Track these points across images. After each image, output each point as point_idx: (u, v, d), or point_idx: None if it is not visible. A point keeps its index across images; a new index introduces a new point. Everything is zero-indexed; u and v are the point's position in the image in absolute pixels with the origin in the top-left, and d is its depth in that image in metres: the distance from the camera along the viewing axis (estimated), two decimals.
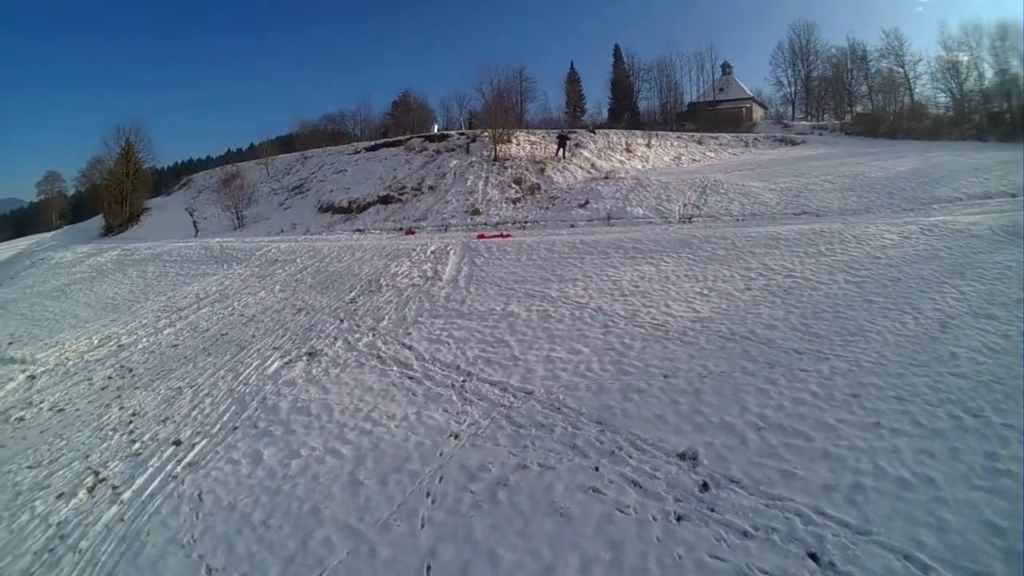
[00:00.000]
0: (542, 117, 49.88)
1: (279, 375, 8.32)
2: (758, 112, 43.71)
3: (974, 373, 5.66)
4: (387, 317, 9.73)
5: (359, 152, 31.78)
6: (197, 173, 50.10)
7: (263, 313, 11.37)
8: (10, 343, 12.96)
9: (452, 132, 29.58)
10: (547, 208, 18.73)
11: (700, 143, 29.11)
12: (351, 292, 11.45)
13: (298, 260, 15.15)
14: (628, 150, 26.10)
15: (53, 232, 53.30)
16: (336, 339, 9.21)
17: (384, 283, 11.50)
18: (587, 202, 18.09)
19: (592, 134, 26.02)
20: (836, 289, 8.53)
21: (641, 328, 7.82)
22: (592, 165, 23.60)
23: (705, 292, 9.02)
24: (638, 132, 28.95)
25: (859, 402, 5.42)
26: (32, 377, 10.08)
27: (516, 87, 49.86)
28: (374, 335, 9.07)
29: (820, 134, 33.89)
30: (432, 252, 13.27)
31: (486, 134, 25.09)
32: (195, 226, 32.36)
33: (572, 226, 16.89)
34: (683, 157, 26.83)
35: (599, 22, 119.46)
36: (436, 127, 33.52)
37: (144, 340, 10.89)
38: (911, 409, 5.19)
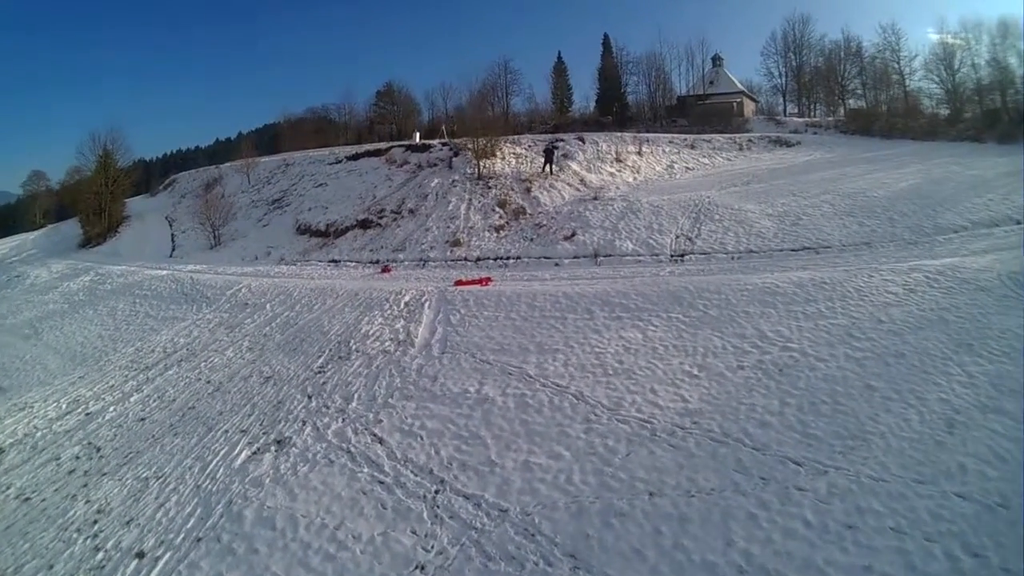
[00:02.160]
0: (528, 109, 50.49)
1: (246, 470, 8.41)
2: (749, 106, 43.29)
3: (980, 493, 5.44)
4: (357, 396, 9.69)
5: (340, 162, 31.35)
6: (182, 173, 50.05)
7: (230, 380, 11.37)
8: None
9: (435, 143, 29.03)
10: (531, 239, 18.49)
11: (693, 147, 28.57)
12: (320, 357, 11.40)
13: (268, 307, 15.14)
14: (618, 160, 25.68)
15: (36, 234, 52.87)
16: (305, 423, 9.21)
17: (354, 346, 11.42)
18: (574, 234, 17.84)
19: (581, 143, 25.55)
20: (835, 369, 8.18)
21: (626, 424, 7.71)
22: (581, 180, 23.27)
23: (695, 372, 8.81)
24: (628, 137, 28.41)
25: (853, 536, 5.19)
26: (1, 451, 10.32)
27: (501, 80, 49.97)
28: (343, 420, 9.06)
29: (815, 132, 33.44)
30: (406, 304, 13.14)
31: (469, 147, 24.57)
32: (173, 240, 31.99)
33: (557, 264, 16.69)
34: (676, 165, 26.37)
35: (587, 12, 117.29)
36: (418, 135, 32.89)
37: (111, 409, 11.06)
38: (908, 547, 4.98)
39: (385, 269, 18.11)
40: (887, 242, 14.99)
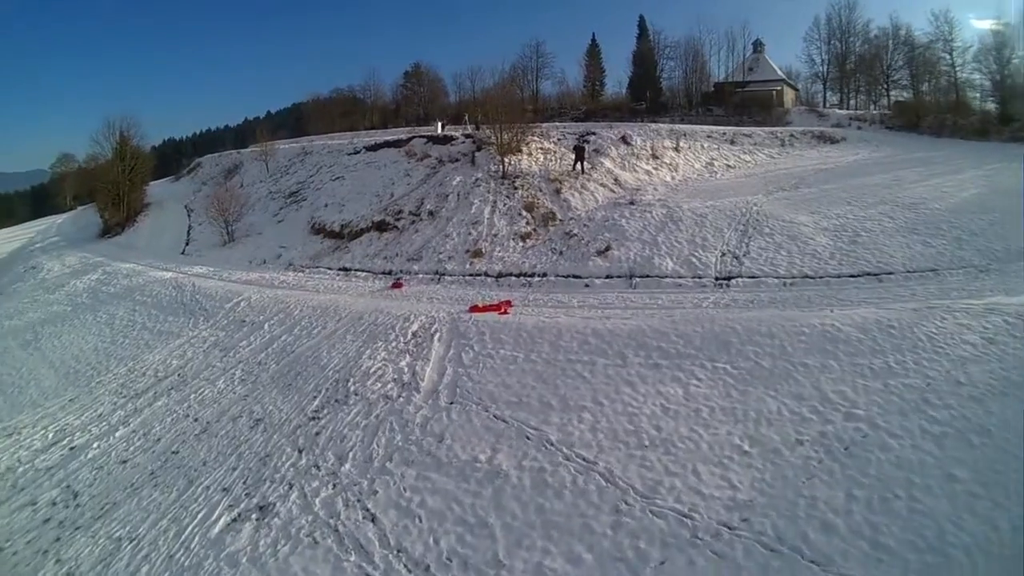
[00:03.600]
0: (559, 92, 49.41)
1: (223, 542, 7.68)
2: (789, 95, 42.02)
3: None
4: (352, 454, 8.76)
5: (359, 152, 30.56)
6: (206, 157, 50.87)
7: (218, 420, 10.72)
8: None
9: (457, 135, 27.83)
10: (561, 252, 17.13)
11: (733, 142, 26.78)
12: (315, 398, 10.53)
13: (266, 327, 14.44)
14: (655, 156, 24.04)
15: (63, 217, 54.69)
16: (292, 487, 8.40)
17: (353, 387, 10.49)
18: (608, 248, 16.40)
19: (626, 143, 24.00)
20: (910, 449, 6.83)
21: (662, 519, 6.51)
22: (615, 180, 21.76)
23: (746, 448, 7.48)
24: (664, 130, 26.66)
25: None
26: None
27: (532, 63, 48.99)
28: (334, 486, 8.18)
29: (859, 127, 31.52)
30: (413, 335, 12.09)
31: (492, 140, 23.32)
32: (188, 234, 31.90)
33: (587, 285, 15.31)
34: (716, 163, 24.64)
35: None
36: (440, 125, 31.70)
37: (95, 445, 10.76)
38: None
39: (396, 284, 17.09)
40: (955, 268, 13.32)
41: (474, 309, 13.18)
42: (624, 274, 15.31)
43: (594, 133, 25.68)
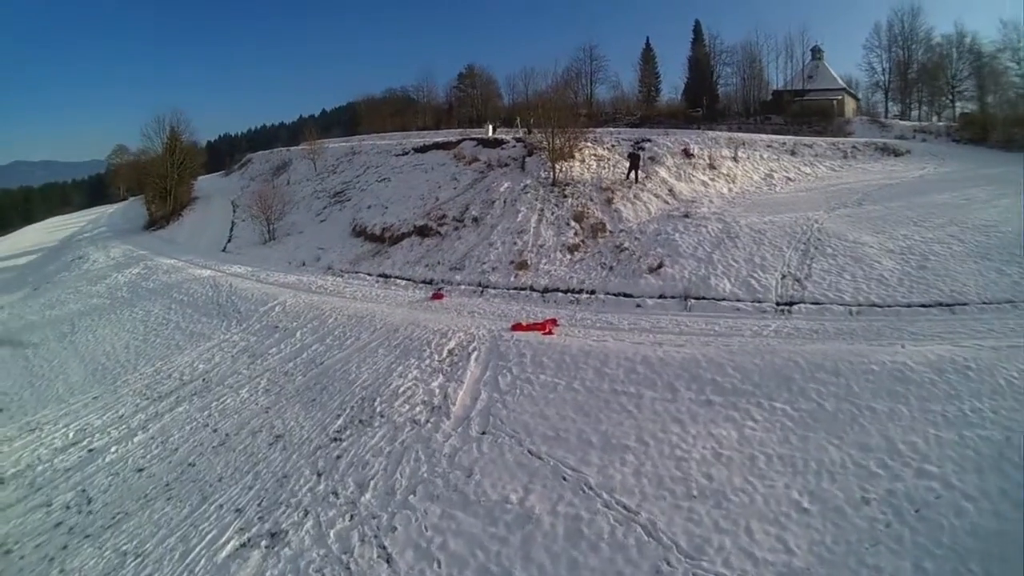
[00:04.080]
0: (613, 97, 50.30)
1: (228, 569, 7.38)
2: (849, 105, 41.74)
3: None
4: (373, 484, 8.32)
5: (407, 154, 30.87)
6: (257, 153, 53.73)
7: (238, 433, 10.54)
8: (0, 410, 13.94)
9: (508, 138, 27.58)
10: (611, 267, 16.43)
11: (793, 153, 25.72)
12: (339, 416, 10.18)
13: (298, 334, 14.41)
14: (712, 166, 23.12)
15: (115, 208, 58.15)
16: (307, 513, 8.08)
17: (379, 408, 10.08)
18: (661, 264, 15.61)
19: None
20: (989, 516, 6.00)
21: None
22: (670, 190, 20.92)
23: (805, 504, 6.71)
24: (722, 138, 25.89)
25: None
26: (1, 481, 10.41)
27: (585, 67, 49.79)
28: (351, 518, 7.78)
29: (923, 139, 30.39)
30: (449, 352, 11.63)
31: (544, 144, 22.93)
32: (231, 231, 32.92)
33: (638, 305, 14.54)
34: (775, 175, 23.58)
35: None
36: (491, 128, 31.62)
37: (113, 449, 10.82)
38: None
39: (437, 295, 16.74)
40: None
41: (516, 327, 12.63)
42: (678, 294, 14.45)
43: (649, 140, 25.05)
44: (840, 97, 40.62)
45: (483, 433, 8.98)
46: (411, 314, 14.73)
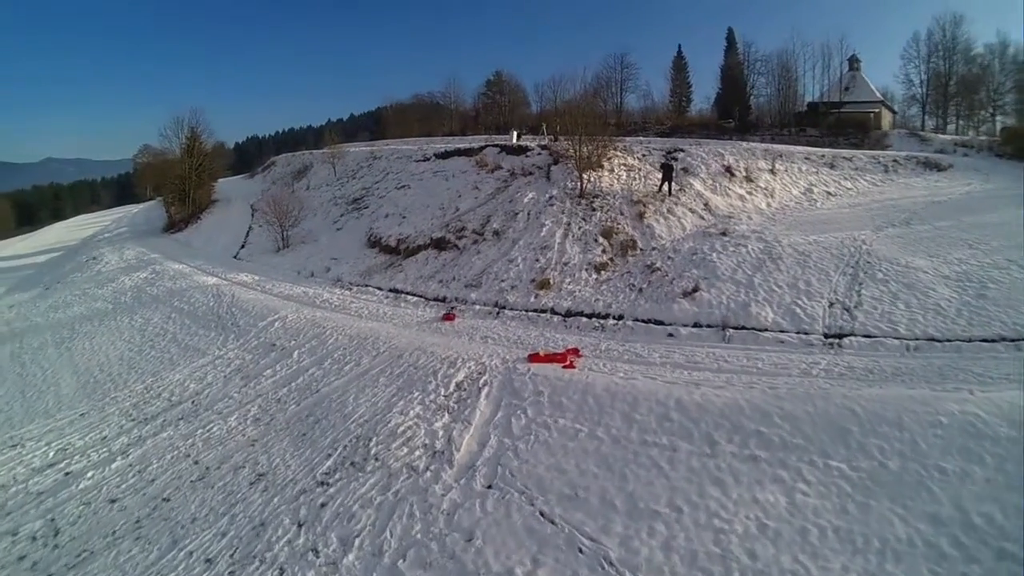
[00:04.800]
0: (643, 107, 50.47)
1: None
2: (886, 117, 41.20)
3: None
4: (358, 540, 7.46)
5: (428, 160, 30.26)
6: (281, 156, 54.09)
7: (219, 467, 9.84)
8: None
9: (533, 145, 26.77)
10: (641, 289, 15.36)
11: (832, 166, 24.55)
12: (330, 456, 9.34)
13: (295, 355, 13.74)
14: (749, 179, 21.97)
15: (138, 208, 59.29)
16: (282, 573, 7.09)
17: (374, 449, 9.19)
18: (696, 288, 14.49)
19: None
20: None
21: None
22: (705, 204, 19.80)
23: None
24: (759, 149, 24.89)
25: None
26: None
27: (616, 75, 49.65)
28: None
29: (965, 154, 29.20)
30: (457, 385, 10.70)
31: (571, 152, 22.09)
32: (247, 236, 32.75)
33: (671, 335, 13.43)
34: (815, 189, 22.40)
35: (713, 4, 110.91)
36: (516, 135, 30.81)
37: (90, 475, 10.30)
38: None
39: (448, 317, 15.82)
40: None
41: (534, 358, 11.61)
42: (716, 323, 13.29)
43: (682, 150, 24.01)
44: (878, 110, 40.05)
45: (489, 487, 7.99)
46: (419, 337, 13.87)
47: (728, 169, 22.51)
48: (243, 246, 31.10)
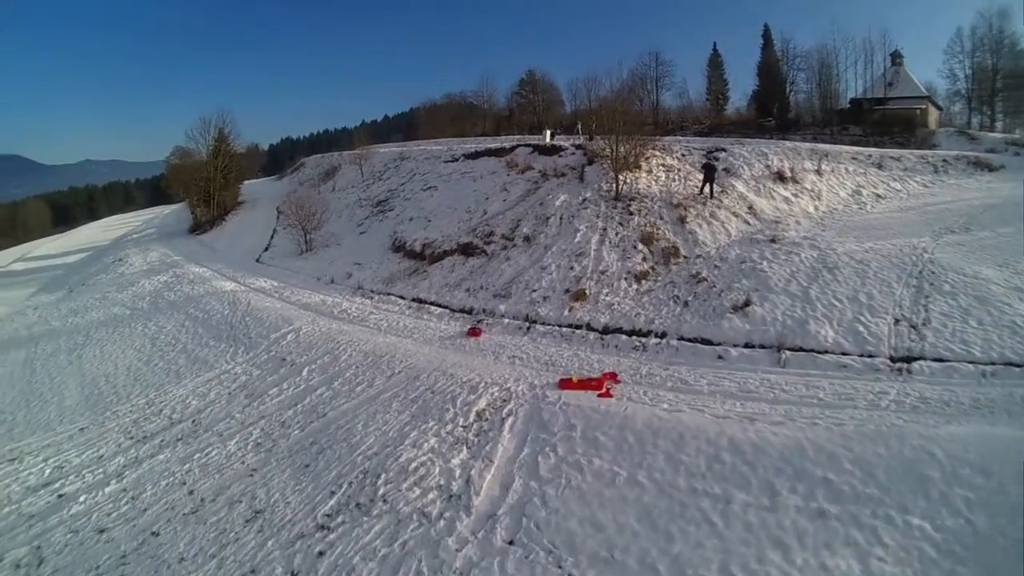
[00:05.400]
0: (680, 106, 50.13)
1: None
2: (932, 115, 39.86)
3: None
4: None
5: (457, 160, 29.64)
6: (311, 157, 55.15)
7: (214, 500, 9.19)
8: None
9: (567, 145, 25.79)
10: (686, 302, 14.17)
11: (880, 167, 23.05)
12: (333, 495, 8.52)
13: (305, 372, 13.10)
14: (794, 179, 20.64)
15: (169, 209, 60.61)
16: None
17: (382, 488, 8.33)
18: (747, 302, 13.23)
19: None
20: None
21: None
22: (749, 207, 18.53)
23: None
24: (803, 149, 23.60)
25: None
26: None
27: (651, 73, 48.98)
28: None
29: (1017, 153, 27.89)
30: (479, 415, 9.74)
31: (607, 152, 21.09)
32: (271, 238, 32.65)
33: (721, 357, 12.21)
34: (864, 191, 20.96)
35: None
36: (549, 134, 29.84)
37: (82, 499, 9.86)
38: None
39: (473, 332, 14.84)
40: None
41: (566, 384, 10.56)
42: (770, 343, 11.99)
43: (723, 149, 22.81)
44: (924, 106, 38.85)
45: (511, 542, 7.00)
46: (439, 355, 12.94)
47: (772, 170, 21.25)
48: (266, 249, 30.92)
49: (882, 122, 35.86)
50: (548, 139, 28.68)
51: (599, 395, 10.10)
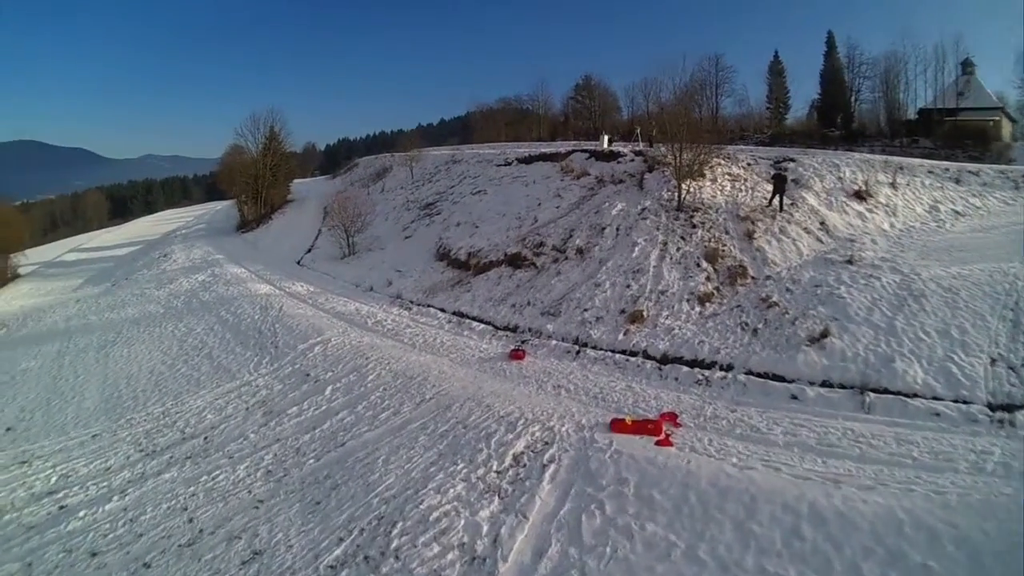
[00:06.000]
0: (739, 114, 48.92)
1: None
2: (1006, 127, 38.44)
3: None
4: None
5: (510, 164, 28.86)
6: (364, 158, 56.36)
7: (214, 532, 8.55)
8: (8, 428, 13.69)
9: (625, 150, 24.60)
10: (755, 330, 12.75)
11: (958, 182, 21.04)
12: (341, 542, 7.62)
13: (328, 391, 12.38)
14: (868, 193, 18.91)
15: (221, 205, 62.68)
16: None
17: (396, 540, 7.36)
18: (825, 333, 11.73)
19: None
20: None
21: None
22: (821, 223, 16.94)
23: None
24: (876, 161, 21.81)
25: None
26: None
27: (710, 78, 47.32)
28: None
29: None
30: (515, 459, 8.66)
31: (668, 159, 19.87)
32: (315, 239, 32.71)
33: (794, 397, 10.75)
34: (941, 207, 19.08)
35: (812, 4, 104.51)
36: (606, 139, 28.57)
37: (82, 514, 9.47)
38: None
39: (516, 354, 13.75)
40: None
41: (618, 426, 9.36)
42: (851, 382, 10.51)
43: (792, 159, 21.18)
44: (997, 118, 37.23)
45: None
46: (476, 381, 11.94)
47: (845, 182, 19.58)
48: (309, 251, 30.91)
49: (953, 134, 34.61)
50: (605, 144, 27.53)
51: (657, 442, 8.87)
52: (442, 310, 17.95)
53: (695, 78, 47.46)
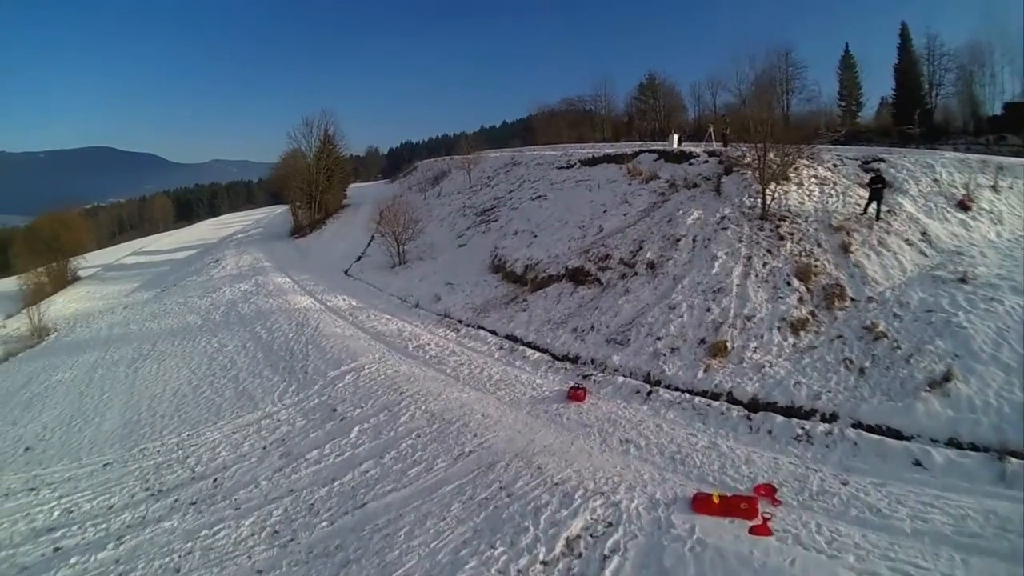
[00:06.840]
0: (808, 111, 45.56)
1: None
2: None
3: None
4: None
5: (572, 167, 27.40)
6: (424, 161, 56.63)
7: None
8: (27, 448, 13.90)
9: (698, 150, 22.67)
10: (862, 369, 10.70)
11: None
12: None
13: (354, 433, 11.26)
14: (971, 198, 16.47)
15: (280, 209, 64.27)
16: None
17: None
18: (948, 375, 9.63)
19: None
20: None
21: None
22: (923, 233, 14.69)
23: None
24: (973, 161, 19.04)
25: None
26: None
27: (780, 74, 44.65)
28: None
29: None
30: (568, 545, 7.11)
31: (748, 160, 17.94)
32: (368, 245, 32.42)
33: (919, 464, 8.63)
34: None
35: None
36: (676, 139, 26.55)
37: (73, 561, 8.92)
38: None
39: (576, 394, 12.06)
40: None
41: (701, 505, 7.62)
42: (986, 443, 8.46)
43: (882, 159, 18.63)
44: None
45: None
46: (527, 429, 10.40)
47: (943, 185, 17.15)
48: (359, 259, 30.40)
49: None
50: (675, 144, 25.60)
51: (752, 528, 7.11)
52: (493, 332, 16.52)
53: (763, 75, 45.64)
